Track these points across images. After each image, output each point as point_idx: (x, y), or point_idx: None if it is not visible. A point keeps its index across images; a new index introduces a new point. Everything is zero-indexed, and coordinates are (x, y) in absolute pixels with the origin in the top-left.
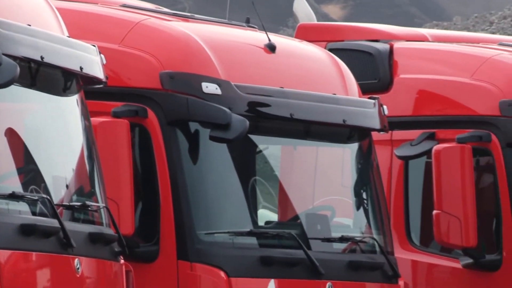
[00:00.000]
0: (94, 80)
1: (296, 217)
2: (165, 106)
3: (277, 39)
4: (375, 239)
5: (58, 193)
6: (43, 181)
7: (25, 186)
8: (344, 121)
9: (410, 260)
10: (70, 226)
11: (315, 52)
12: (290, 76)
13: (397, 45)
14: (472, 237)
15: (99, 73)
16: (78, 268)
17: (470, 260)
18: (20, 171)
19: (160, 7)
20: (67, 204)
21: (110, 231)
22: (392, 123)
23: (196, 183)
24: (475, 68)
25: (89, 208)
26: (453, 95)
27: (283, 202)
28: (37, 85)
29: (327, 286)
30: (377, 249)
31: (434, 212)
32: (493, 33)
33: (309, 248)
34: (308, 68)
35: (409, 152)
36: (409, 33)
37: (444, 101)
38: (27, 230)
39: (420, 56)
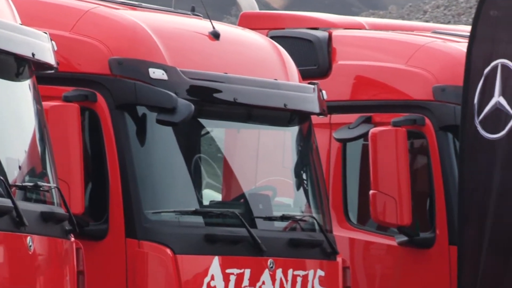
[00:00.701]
0: (45, 66)
1: (239, 197)
2: (113, 90)
3: (221, 27)
4: (314, 218)
5: (12, 174)
6: None
7: None
8: (285, 105)
9: (348, 237)
10: (22, 205)
11: (257, 39)
12: (233, 62)
13: (336, 33)
14: (406, 216)
15: (51, 59)
16: (30, 246)
17: (405, 238)
18: None
19: None
20: (20, 184)
21: (61, 210)
22: (330, 107)
23: (144, 164)
24: (409, 55)
25: (41, 189)
26: (388, 81)
27: (227, 182)
28: None
29: (268, 263)
30: (317, 227)
31: (371, 192)
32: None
33: (252, 226)
34: (250, 55)
35: (347, 135)
36: (347, 22)
37: (380, 86)
38: None
39: (357, 44)
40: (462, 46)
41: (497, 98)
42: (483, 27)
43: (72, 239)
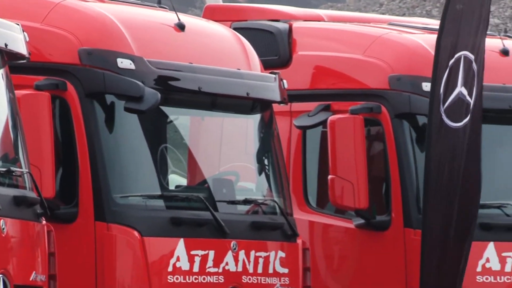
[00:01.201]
0: (18, 56)
1: (204, 182)
2: (83, 80)
3: (186, 19)
4: (275, 202)
5: None
6: None
7: None
8: (247, 94)
9: (308, 220)
10: None
11: (221, 31)
12: (198, 53)
13: (296, 24)
14: (363, 200)
15: (23, 50)
16: (3, 228)
17: (362, 221)
18: None
19: None
20: None
21: (33, 195)
22: (291, 96)
23: (112, 150)
24: (366, 45)
25: (14, 174)
26: (346, 70)
27: (192, 168)
28: None
29: (232, 245)
30: (277, 210)
31: (329, 177)
32: (382, 14)
33: (216, 210)
34: (214, 46)
35: (306, 122)
36: (307, 14)
37: (339, 75)
38: None
39: (316, 35)
40: (416, 37)
41: (459, 88)
42: (450, 21)
43: (44, 222)
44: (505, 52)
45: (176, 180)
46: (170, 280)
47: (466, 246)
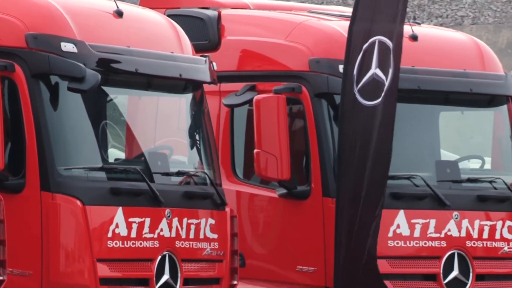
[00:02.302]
0: None
1: (141, 155)
2: (30, 62)
3: (124, 6)
4: (206, 173)
5: None
6: None
7: None
8: (180, 75)
9: (235, 190)
10: None
11: (156, 17)
12: (135, 37)
13: (224, 12)
14: (286, 172)
15: None
16: None
17: (284, 191)
18: None
19: None
20: None
21: None
22: (220, 77)
23: (56, 126)
24: (288, 31)
25: None
26: (270, 54)
27: (130, 142)
28: None
29: (166, 213)
30: (208, 181)
31: (255, 151)
32: (303, 2)
33: (151, 181)
34: (150, 31)
35: (234, 101)
36: (234, 2)
37: (263, 58)
38: None
39: (243, 21)
40: (333, 23)
41: (374, 70)
42: (363, 8)
43: None
44: (414, 38)
45: (115, 153)
46: (110, 245)
47: (376, 213)
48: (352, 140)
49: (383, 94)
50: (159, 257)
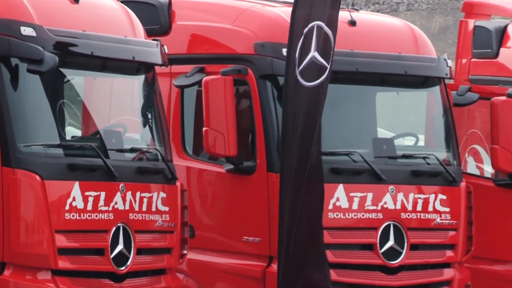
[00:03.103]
0: None
1: (96, 133)
2: None
3: None
4: (157, 150)
5: None
6: None
7: None
8: (133, 57)
9: (185, 166)
10: None
11: (110, 3)
12: (90, 22)
13: None
14: (232, 148)
15: None
16: None
17: (231, 166)
18: None
19: None
20: None
21: None
22: (171, 60)
23: (17, 105)
24: (235, 17)
25: None
26: (218, 38)
27: (86, 121)
28: None
29: (120, 187)
30: (159, 157)
31: (204, 129)
32: None
33: (106, 157)
34: (105, 16)
35: (184, 82)
36: None
37: (212, 42)
38: None
39: (192, 7)
40: (277, 10)
41: (313, 53)
42: None
43: None
44: (352, 23)
45: (72, 131)
46: (67, 217)
47: (318, 186)
48: (294, 119)
49: (323, 76)
50: (114, 228)
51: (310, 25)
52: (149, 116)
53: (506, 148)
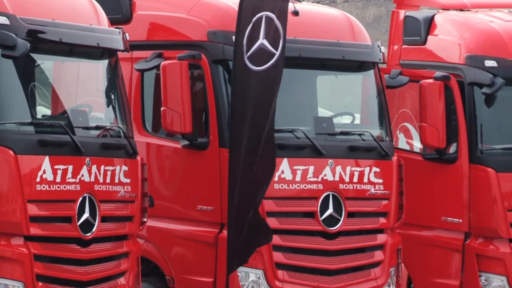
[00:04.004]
0: None
1: (64, 112)
2: None
3: None
4: (120, 127)
5: None
6: None
7: None
8: (98, 44)
9: (145, 142)
10: None
11: None
12: (59, 12)
13: None
14: (188, 126)
15: None
16: None
17: (187, 142)
18: None
19: None
20: None
21: None
22: (132, 46)
23: None
24: (190, 7)
25: None
26: (175, 26)
27: (55, 101)
28: None
29: (86, 161)
30: (122, 134)
31: (162, 108)
32: None
33: (73, 133)
34: (72, 6)
35: (144, 66)
36: None
37: (169, 30)
38: None
39: None
40: (229, 1)
41: (262, 40)
42: None
43: None
44: (296, 13)
45: (43, 111)
46: (38, 188)
47: (271, 161)
48: (243, 100)
49: (271, 61)
50: (80, 198)
51: (258, 15)
52: (112, 97)
53: (433, 126)
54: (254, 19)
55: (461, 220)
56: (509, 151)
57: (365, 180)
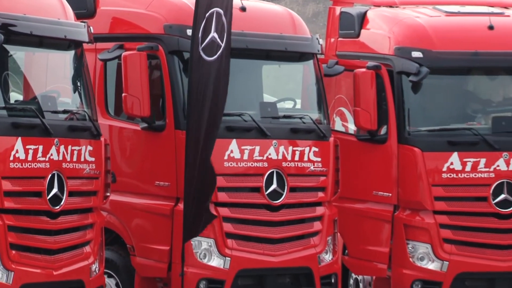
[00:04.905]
0: None
1: (35, 98)
2: None
3: None
4: (85, 111)
5: None
6: None
7: None
8: (65, 36)
9: (108, 125)
10: None
11: None
12: (30, 7)
13: None
14: (146, 110)
15: None
16: None
17: (145, 125)
18: None
19: None
20: None
21: None
22: (96, 38)
23: None
24: (148, 3)
25: None
26: (134, 20)
27: (26, 88)
28: None
29: (55, 142)
30: (87, 117)
31: (123, 94)
32: None
33: (43, 117)
34: (41, 1)
35: (107, 56)
36: None
37: (129, 24)
38: None
39: None
40: None
41: (213, 33)
42: None
43: None
44: (243, 9)
45: (15, 96)
46: (12, 166)
47: (211, 143)
48: (197, 87)
49: (218, 52)
50: (50, 175)
51: (210, 11)
52: (78, 84)
53: (366, 110)
54: (207, 14)
55: (390, 194)
56: (433, 133)
57: (305, 158)
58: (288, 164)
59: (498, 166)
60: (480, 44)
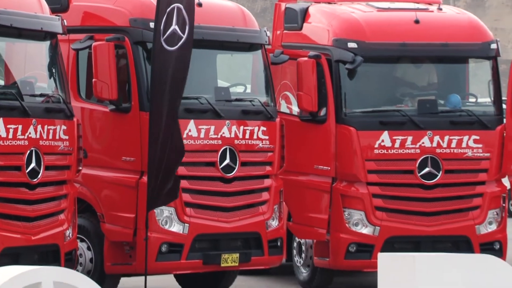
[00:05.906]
0: None
1: (15, 83)
2: None
3: None
4: (60, 95)
5: None
6: None
7: None
8: (41, 28)
9: (80, 107)
10: None
11: None
12: (10, 2)
13: None
14: (114, 94)
15: None
16: None
17: (113, 107)
18: None
19: None
20: None
21: None
22: (69, 30)
23: None
24: None
25: None
26: (103, 14)
27: (7, 74)
28: None
29: (33, 122)
30: (61, 100)
31: (93, 80)
32: None
33: (22, 100)
34: None
35: (79, 46)
36: None
37: (99, 18)
38: None
39: None
40: None
41: (174, 26)
42: None
43: None
44: (200, 5)
45: None
46: None
47: (174, 123)
48: (160, 74)
49: (180, 43)
50: (28, 151)
51: (171, 6)
52: (54, 70)
53: (308, 94)
54: (168, 9)
55: (329, 168)
56: (366, 114)
57: (255, 137)
58: (240, 141)
59: (423, 143)
60: (408, 36)
